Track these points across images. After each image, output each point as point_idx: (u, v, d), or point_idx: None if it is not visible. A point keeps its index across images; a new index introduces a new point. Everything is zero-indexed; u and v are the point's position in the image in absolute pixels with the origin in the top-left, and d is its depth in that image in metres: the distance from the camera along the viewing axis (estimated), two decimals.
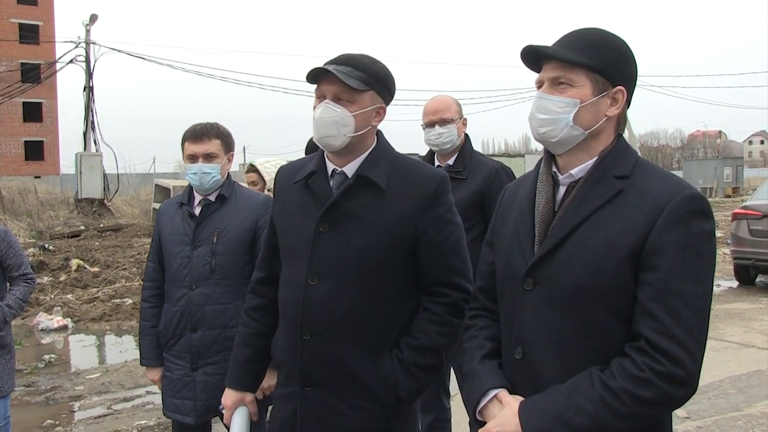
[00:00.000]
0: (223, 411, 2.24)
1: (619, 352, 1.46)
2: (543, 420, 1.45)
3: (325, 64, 1.94)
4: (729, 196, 33.98)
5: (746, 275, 10.34)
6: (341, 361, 1.90)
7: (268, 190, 4.11)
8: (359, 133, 1.94)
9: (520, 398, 1.55)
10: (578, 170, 1.59)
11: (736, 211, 10.58)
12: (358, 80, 1.91)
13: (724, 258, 12.10)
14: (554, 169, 1.64)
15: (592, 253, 1.49)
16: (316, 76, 1.92)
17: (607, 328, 1.49)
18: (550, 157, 1.66)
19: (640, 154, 1.67)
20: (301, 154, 3.80)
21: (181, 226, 2.90)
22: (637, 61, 1.63)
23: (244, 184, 3.68)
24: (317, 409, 1.93)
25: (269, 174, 4.03)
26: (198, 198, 2.93)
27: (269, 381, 2.45)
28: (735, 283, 10.47)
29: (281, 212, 2.07)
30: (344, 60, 1.94)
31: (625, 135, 1.69)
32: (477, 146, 3.45)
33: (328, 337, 1.90)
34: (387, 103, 2.02)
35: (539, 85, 1.63)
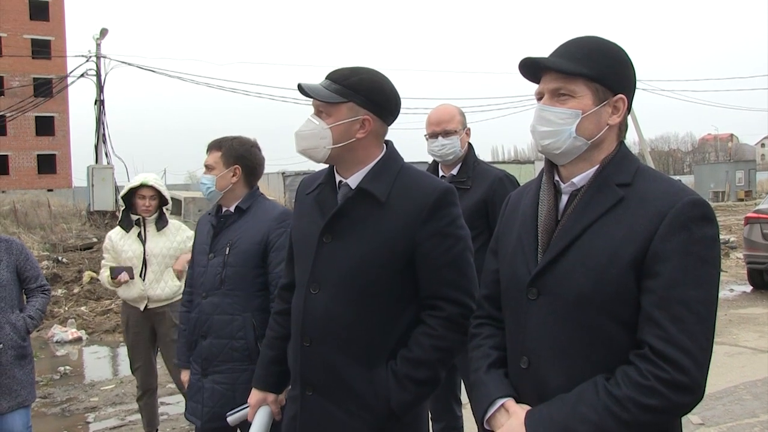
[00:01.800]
0: (229, 418, 2.30)
1: (624, 360, 1.46)
2: (549, 429, 1.46)
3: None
4: (741, 200, 33.64)
5: (760, 280, 10.25)
6: (337, 369, 1.93)
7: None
8: (339, 145, 1.95)
9: (526, 407, 1.56)
10: (580, 179, 1.59)
11: (749, 215, 10.50)
12: (333, 93, 1.94)
13: (737, 263, 12.01)
14: (557, 177, 1.65)
15: (594, 261, 1.49)
16: (305, 92, 1.97)
17: (612, 337, 1.49)
18: (551, 167, 1.67)
19: (650, 159, 1.68)
20: (309, 165, 3.81)
21: (205, 236, 3.02)
22: (635, 66, 1.63)
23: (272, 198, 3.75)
24: (316, 413, 1.97)
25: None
26: (224, 210, 3.03)
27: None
28: (749, 288, 10.39)
29: (296, 222, 2.14)
30: (329, 74, 2.00)
31: (635, 140, 1.70)
32: (486, 153, 3.49)
33: (326, 345, 1.94)
34: (378, 113, 1.98)
35: (539, 96, 1.63)
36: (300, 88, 1.96)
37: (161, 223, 4.43)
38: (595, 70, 1.56)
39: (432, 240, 1.92)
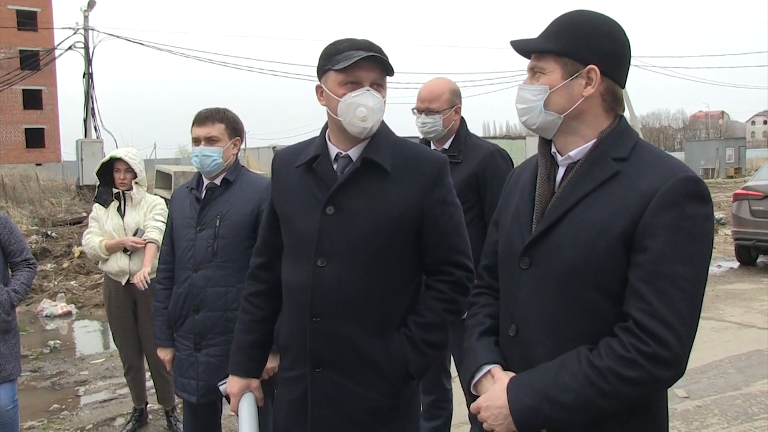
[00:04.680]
0: (221, 388, 2.27)
1: (610, 332, 1.48)
2: (529, 396, 1.49)
3: (351, 49, 1.92)
4: (731, 177, 33.74)
5: (747, 256, 10.35)
6: (351, 340, 1.93)
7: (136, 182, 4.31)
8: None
9: (512, 374, 1.59)
10: (577, 152, 1.60)
11: (738, 191, 10.56)
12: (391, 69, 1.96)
13: (725, 239, 12.11)
14: (554, 150, 1.66)
15: (585, 234, 1.50)
16: (358, 60, 1.88)
17: (599, 309, 1.50)
18: (546, 140, 1.68)
19: (641, 135, 1.67)
20: (297, 139, 3.79)
21: (188, 210, 2.98)
22: (618, 35, 1.59)
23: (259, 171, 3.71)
24: (328, 389, 1.96)
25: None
26: (206, 182, 2.99)
27: (271, 363, 2.47)
28: (736, 264, 10.49)
29: (283, 196, 2.08)
30: (369, 46, 1.94)
31: (627, 116, 1.69)
32: (478, 129, 3.46)
33: (338, 318, 1.93)
34: None
35: None
36: (372, 57, 1.90)
37: (137, 197, 4.41)
38: (561, 44, 1.57)
39: (438, 208, 1.98)
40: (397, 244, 1.95)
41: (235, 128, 2.99)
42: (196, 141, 2.93)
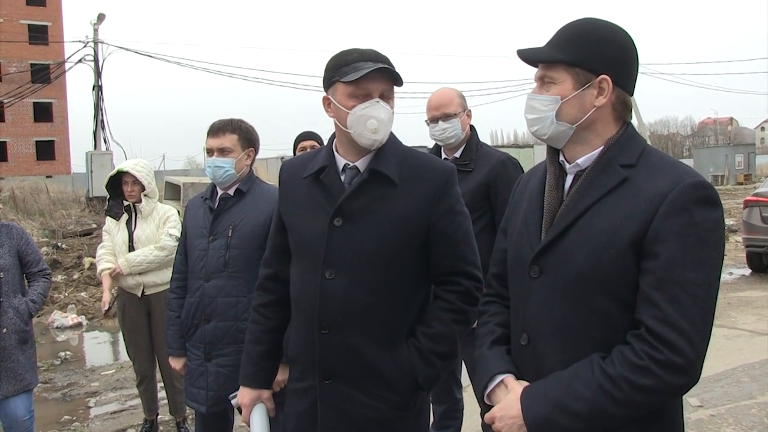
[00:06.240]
0: (233, 401, 2.27)
1: (622, 340, 1.47)
2: (543, 405, 1.48)
3: (359, 61, 1.90)
4: (741, 184, 33.53)
5: (759, 263, 10.28)
6: (360, 352, 1.92)
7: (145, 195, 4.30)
8: None
9: (525, 383, 1.58)
10: (584, 159, 1.60)
11: (748, 198, 10.51)
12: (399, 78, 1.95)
13: (736, 246, 12.03)
14: (562, 158, 1.66)
15: (594, 241, 1.49)
16: (369, 72, 1.87)
17: (610, 316, 1.49)
18: (554, 149, 1.68)
19: (650, 142, 1.66)
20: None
21: (202, 219, 2.99)
22: (627, 44, 1.59)
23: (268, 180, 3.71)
24: (337, 401, 1.95)
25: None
26: (219, 193, 3.00)
27: (282, 375, 2.47)
28: (748, 271, 10.42)
29: (290, 208, 2.08)
30: (377, 56, 1.93)
31: (635, 123, 1.68)
32: (486, 137, 3.47)
33: (347, 329, 1.92)
34: None
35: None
36: (383, 69, 1.89)
37: (146, 209, 4.39)
38: (572, 54, 1.56)
39: (446, 218, 1.97)
40: (405, 254, 1.94)
41: (248, 139, 2.98)
42: (209, 152, 2.94)
